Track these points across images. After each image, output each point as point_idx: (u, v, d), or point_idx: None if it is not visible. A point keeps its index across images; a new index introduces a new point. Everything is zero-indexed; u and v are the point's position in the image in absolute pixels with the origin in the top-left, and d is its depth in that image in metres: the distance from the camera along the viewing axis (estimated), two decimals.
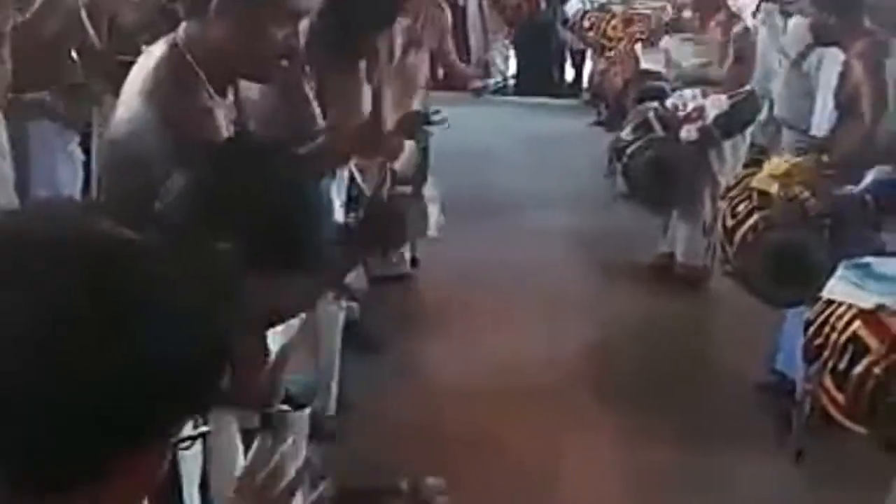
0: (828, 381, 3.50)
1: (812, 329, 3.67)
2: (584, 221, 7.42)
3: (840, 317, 3.57)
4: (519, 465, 4.23)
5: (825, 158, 4.63)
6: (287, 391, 2.52)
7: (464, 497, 3.74)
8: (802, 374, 3.95)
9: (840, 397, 3.42)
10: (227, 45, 2.22)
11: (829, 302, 3.68)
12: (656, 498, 4.09)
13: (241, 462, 2.50)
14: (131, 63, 2.33)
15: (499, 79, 11.63)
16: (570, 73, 12.15)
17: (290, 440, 2.64)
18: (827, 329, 3.59)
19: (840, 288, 3.68)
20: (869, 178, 4.36)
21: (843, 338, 3.49)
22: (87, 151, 3.92)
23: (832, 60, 5.07)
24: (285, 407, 2.61)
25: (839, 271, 3.79)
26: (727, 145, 6.33)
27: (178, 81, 2.20)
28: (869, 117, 4.32)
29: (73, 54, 3.95)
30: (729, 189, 5.08)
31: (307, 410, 2.79)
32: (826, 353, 3.54)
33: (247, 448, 2.47)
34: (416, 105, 4.94)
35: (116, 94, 2.32)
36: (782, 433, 4.44)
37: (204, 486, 2.41)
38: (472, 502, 3.91)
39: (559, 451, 4.46)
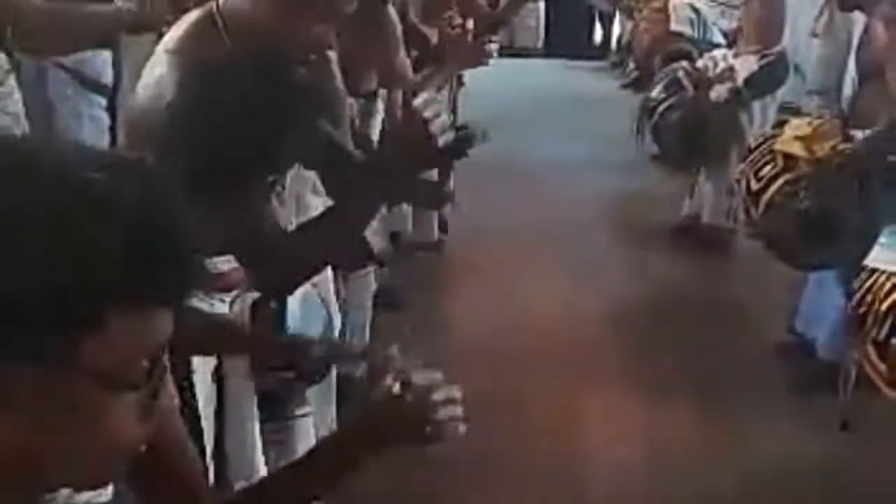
0: (871, 351, 3.48)
1: (856, 298, 3.63)
2: (611, 183, 7.38)
3: (881, 286, 3.53)
4: (542, 423, 4.23)
5: (850, 120, 4.55)
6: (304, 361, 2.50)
7: (488, 453, 3.76)
8: (846, 341, 3.93)
9: (882, 367, 3.40)
10: (263, 26, 2.19)
11: (872, 270, 3.63)
12: (680, 456, 4.06)
13: (255, 417, 2.50)
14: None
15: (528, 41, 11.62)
16: (598, 35, 12.11)
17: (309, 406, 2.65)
18: (869, 298, 3.56)
19: (883, 255, 3.64)
20: None
21: (884, 307, 3.45)
22: (112, 115, 3.88)
23: (859, 22, 4.99)
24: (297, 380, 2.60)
25: (882, 238, 3.73)
26: (757, 106, 6.27)
27: (204, 46, 2.18)
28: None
29: None
30: (750, 151, 5.00)
31: (319, 384, 2.77)
32: (868, 323, 3.52)
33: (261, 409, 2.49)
34: None
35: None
36: (800, 393, 4.43)
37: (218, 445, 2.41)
38: (496, 458, 3.92)
39: (584, 409, 4.45)
